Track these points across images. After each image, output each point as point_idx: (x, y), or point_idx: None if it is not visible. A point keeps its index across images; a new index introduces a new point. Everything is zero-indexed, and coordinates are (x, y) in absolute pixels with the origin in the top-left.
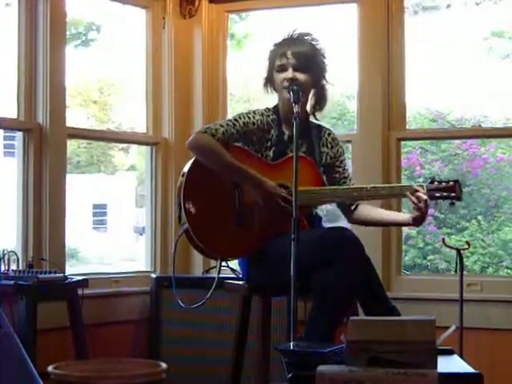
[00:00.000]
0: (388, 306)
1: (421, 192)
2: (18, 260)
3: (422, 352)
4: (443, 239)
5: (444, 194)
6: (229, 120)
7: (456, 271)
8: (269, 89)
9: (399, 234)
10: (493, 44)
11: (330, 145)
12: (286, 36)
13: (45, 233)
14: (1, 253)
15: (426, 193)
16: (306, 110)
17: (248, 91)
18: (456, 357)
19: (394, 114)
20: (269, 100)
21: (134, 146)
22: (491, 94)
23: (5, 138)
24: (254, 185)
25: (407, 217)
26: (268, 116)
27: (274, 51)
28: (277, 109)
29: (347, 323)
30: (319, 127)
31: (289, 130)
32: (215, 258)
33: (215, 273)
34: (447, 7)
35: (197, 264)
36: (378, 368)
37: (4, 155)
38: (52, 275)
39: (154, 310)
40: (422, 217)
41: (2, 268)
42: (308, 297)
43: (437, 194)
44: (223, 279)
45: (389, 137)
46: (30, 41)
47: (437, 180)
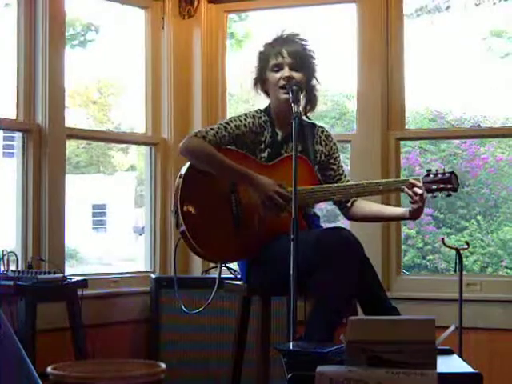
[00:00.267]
0: (387, 306)
1: (417, 186)
2: (18, 260)
3: (422, 352)
4: (442, 239)
5: (440, 186)
6: (220, 123)
7: (455, 271)
8: (259, 90)
9: (398, 234)
10: (492, 44)
11: (324, 142)
12: (276, 36)
13: (44, 233)
14: (0, 253)
15: (423, 185)
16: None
17: (247, 91)
18: (455, 357)
19: (393, 114)
20: (267, 100)
21: (134, 147)
22: (490, 94)
23: (4, 139)
24: (249, 182)
25: (404, 211)
26: (260, 118)
27: (267, 51)
28: (269, 110)
29: (347, 323)
30: (312, 125)
31: (282, 131)
32: (215, 262)
33: (215, 273)
34: (447, 9)
35: (196, 264)
36: (378, 368)
37: (3, 156)
38: (51, 276)
39: (154, 311)
40: (419, 210)
41: (2, 268)
42: (307, 297)
43: (433, 187)
44: (223, 280)
45: (388, 137)
46: (30, 41)
47: (432, 172)
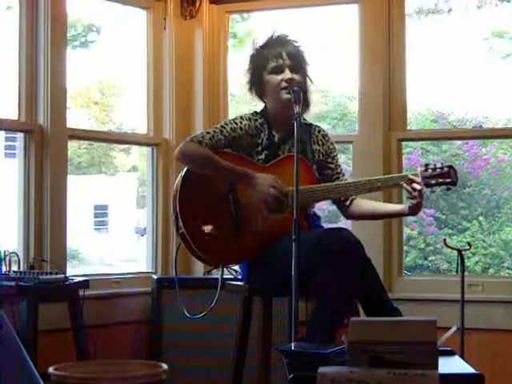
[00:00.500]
0: (389, 307)
1: (416, 181)
2: (19, 261)
3: (423, 353)
4: (444, 240)
5: (439, 181)
6: (215, 127)
7: (457, 272)
8: (254, 93)
9: (400, 235)
10: (493, 44)
11: (321, 142)
12: (269, 38)
13: (46, 234)
14: (2, 254)
15: (422, 180)
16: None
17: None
18: (457, 357)
19: (395, 115)
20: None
21: (135, 147)
22: (492, 95)
23: (6, 139)
24: (247, 179)
25: (402, 207)
26: (256, 120)
27: (264, 53)
28: (265, 112)
29: (348, 324)
30: (309, 125)
31: (279, 133)
32: (216, 266)
33: (216, 273)
34: (449, 11)
35: (198, 265)
36: (379, 369)
37: (5, 156)
38: (53, 276)
39: (155, 311)
40: (418, 206)
41: (4, 269)
42: (309, 297)
43: (432, 181)
44: (224, 280)
45: (390, 137)
46: (31, 42)
47: (430, 167)
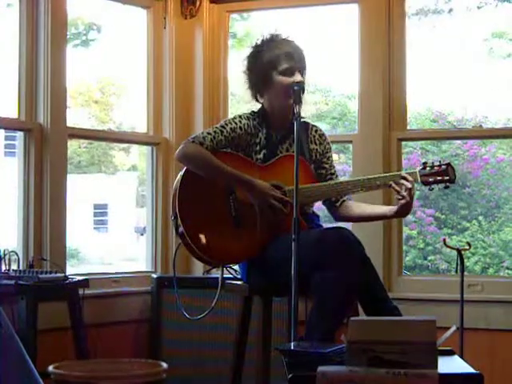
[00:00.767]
0: (389, 306)
1: (407, 180)
2: (19, 260)
3: (423, 352)
4: (444, 240)
5: (438, 179)
6: (215, 127)
7: (457, 272)
8: (254, 91)
9: (400, 235)
10: (493, 45)
11: (318, 141)
12: (274, 36)
13: (45, 233)
14: (2, 253)
15: (420, 178)
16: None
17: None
18: (456, 357)
19: (395, 115)
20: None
21: (135, 146)
22: (492, 95)
23: (6, 138)
24: (247, 187)
25: (389, 208)
26: (254, 119)
27: (274, 52)
28: (262, 112)
29: (348, 323)
30: (305, 124)
31: (277, 132)
32: (216, 266)
33: (216, 273)
34: (449, 11)
35: (197, 264)
36: (379, 368)
37: (5, 155)
38: (53, 275)
39: (155, 310)
40: (408, 206)
41: (3, 268)
42: (308, 297)
43: (430, 179)
44: (224, 280)
45: (389, 137)
46: (31, 41)
47: (428, 165)
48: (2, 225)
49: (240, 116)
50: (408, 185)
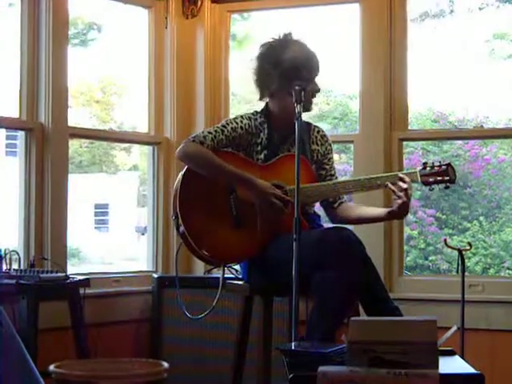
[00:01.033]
0: (390, 307)
1: (404, 180)
2: (20, 259)
3: (424, 352)
4: (445, 240)
5: (438, 179)
6: (217, 126)
7: (457, 272)
8: (264, 92)
9: (401, 235)
10: (495, 46)
11: (320, 142)
12: (290, 39)
13: (46, 232)
14: (3, 252)
15: (421, 179)
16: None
17: (250, 91)
18: (457, 357)
19: (396, 115)
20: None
21: (136, 146)
22: (493, 95)
23: (7, 138)
24: (248, 186)
25: (385, 210)
26: (256, 120)
27: (292, 58)
28: (266, 112)
29: (348, 323)
30: (308, 124)
31: (278, 132)
32: (218, 265)
33: (217, 272)
34: (451, 12)
35: (198, 264)
36: (380, 368)
37: (6, 154)
38: (54, 275)
39: (156, 310)
40: (405, 206)
41: (4, 267)
42: (309, 297)
43: (431, 179)
44: (224, 280)
45: (391, 137)
46: (33, 40)
47: (429, 165)
48: (3, 224)
49: (242, 116)
50: (403, 185)
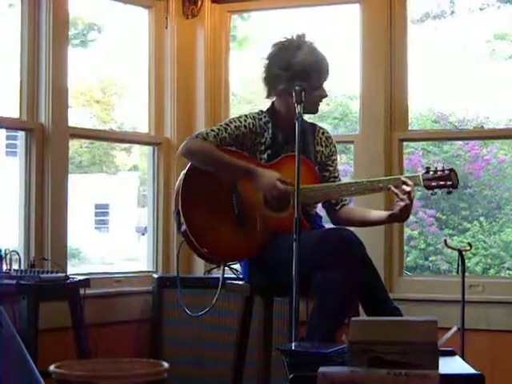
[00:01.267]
0: (390, 307)
1: (407, 183)
2: (20, 260)
3: (424, 353)
4: (445, 240)
5: (440, 183)
6: (220, 125)
7: (458, 272)
8: (272, 92)
9: (401, 235)
10: (495, 46)
11: (325, 143)
12: (303, 42)
13: (47, 232)
14: (3, 252)
15: (423, 183)
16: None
17: (250, 92)
18: (457, 358)
19: (397, 115)
20: (269, 101)
21: (137, 146)
22: (493, 96)
23: (7, 138)
24: (250, 175)
25: (386, 213)
26: (260, 119)
27: (305, 61)
28: (271, 112)
29: (349, 324)
30: (313, 126)
31: (283, 133)
32: (218, 264)
33: (217, 273)
34: (451, 13)
35: (199, 264)
36: (380, 369)
37: (6, 155)
38: (54, 275)
39: (156, 310)
40: (406, 209)
41: (4, 267)
42: (310, 297)
43: (433, 184)
44: (225, 280)
45: (391, 138)
46: (33, 41)
47: (432, 170)
48: (3, 224)
49: (246, 115)
50: (407, 188)
